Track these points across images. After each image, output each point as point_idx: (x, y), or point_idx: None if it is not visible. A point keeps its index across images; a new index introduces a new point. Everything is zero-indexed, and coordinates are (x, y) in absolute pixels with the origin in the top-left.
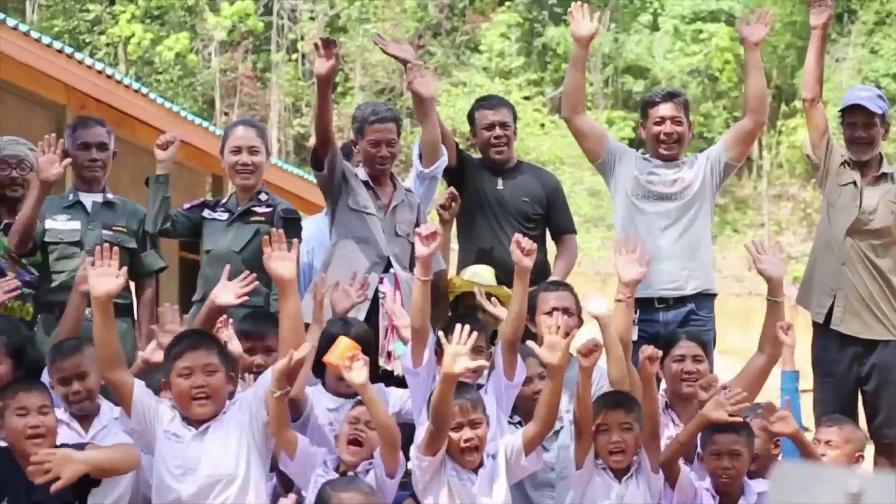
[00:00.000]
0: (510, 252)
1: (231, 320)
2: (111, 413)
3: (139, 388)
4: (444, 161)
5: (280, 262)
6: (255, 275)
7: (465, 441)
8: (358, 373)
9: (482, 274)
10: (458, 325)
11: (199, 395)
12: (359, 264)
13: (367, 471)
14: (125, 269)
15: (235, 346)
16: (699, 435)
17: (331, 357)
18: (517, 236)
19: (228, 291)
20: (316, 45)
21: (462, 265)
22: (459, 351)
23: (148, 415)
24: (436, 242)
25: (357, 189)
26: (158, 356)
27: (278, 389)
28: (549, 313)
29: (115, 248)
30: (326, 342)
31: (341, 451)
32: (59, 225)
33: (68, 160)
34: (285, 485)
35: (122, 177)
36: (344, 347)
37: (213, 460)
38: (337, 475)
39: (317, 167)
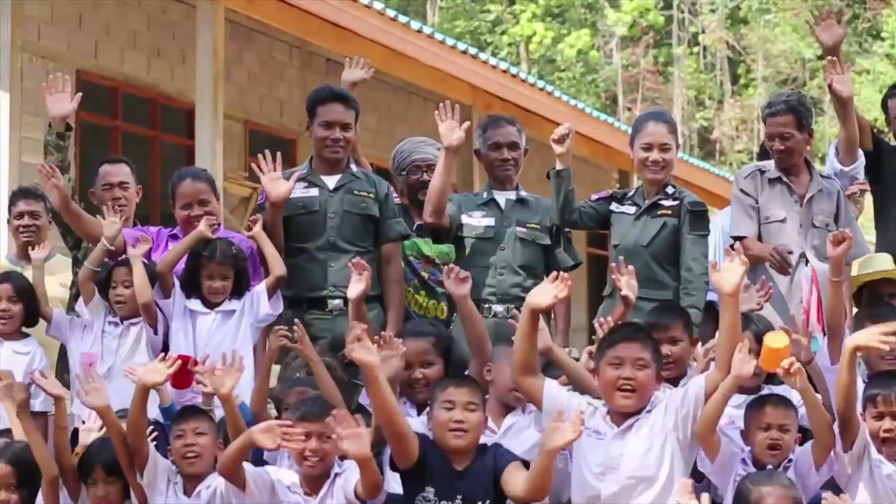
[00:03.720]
0: None
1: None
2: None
3: (549, 387)
4: (862, 161)
5: None
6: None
7: (885, 431)
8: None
9: (880, 265)
10: None
11: (625, 386)
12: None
13: (786, 468)
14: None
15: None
16: None
17: (775, 344)
18: None
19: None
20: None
21: (879, 251)
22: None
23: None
24: (845, 244)
25: (766, 191)
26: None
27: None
28: None
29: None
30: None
31: (761, 453)
32: (474, 221)
33: (467, 123)
34: None
35: (528, 174)
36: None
37: (635, 460)
38: None
39: None
